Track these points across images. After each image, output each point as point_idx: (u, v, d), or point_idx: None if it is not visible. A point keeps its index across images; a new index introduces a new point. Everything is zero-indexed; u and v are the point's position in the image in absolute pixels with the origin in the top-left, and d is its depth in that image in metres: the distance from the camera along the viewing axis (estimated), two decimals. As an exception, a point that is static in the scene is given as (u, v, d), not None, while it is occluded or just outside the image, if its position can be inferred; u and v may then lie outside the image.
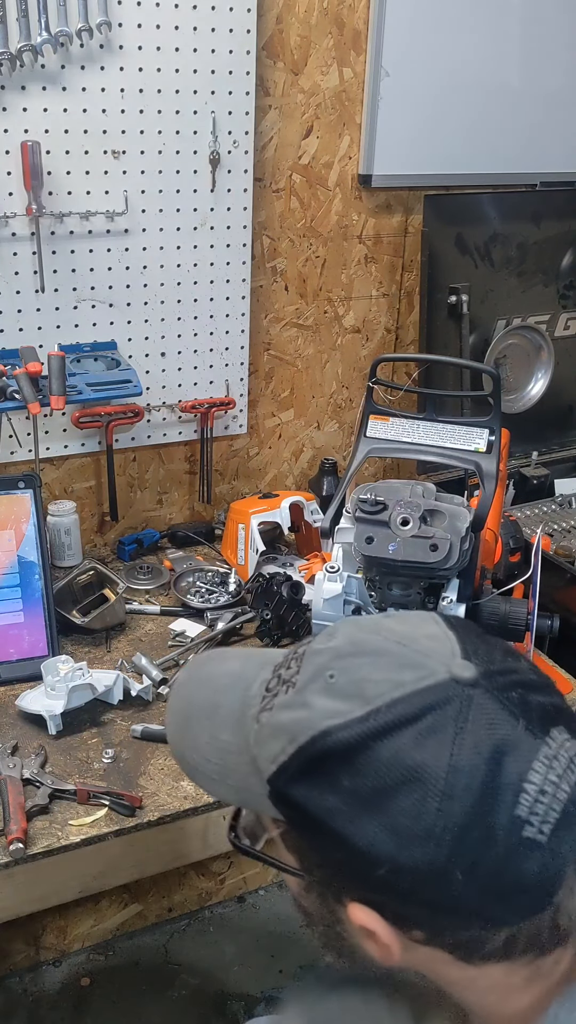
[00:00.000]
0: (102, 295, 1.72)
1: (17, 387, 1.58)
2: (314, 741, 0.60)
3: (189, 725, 0.73)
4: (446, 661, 0.60)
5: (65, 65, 1.54)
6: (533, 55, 1.96)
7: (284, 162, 1.83)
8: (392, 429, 1.33)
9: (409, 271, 2.05)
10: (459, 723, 0.57)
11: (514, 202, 2.08)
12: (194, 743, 0.71)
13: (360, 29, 1.80)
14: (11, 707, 1.43)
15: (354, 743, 0.58)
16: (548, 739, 0.58)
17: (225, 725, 0.69)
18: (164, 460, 1.94)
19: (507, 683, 0.59)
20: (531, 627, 1.22)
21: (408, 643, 0.61)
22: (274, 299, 1.93)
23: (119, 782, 1.31)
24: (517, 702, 0.58)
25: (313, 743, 0.60)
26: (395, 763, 0.57)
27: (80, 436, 1.80)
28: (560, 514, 2.11)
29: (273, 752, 0.63)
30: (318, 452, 2.12)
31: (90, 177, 1.63)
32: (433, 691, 0.58)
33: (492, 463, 1.27)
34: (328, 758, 0.59)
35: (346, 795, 0.58)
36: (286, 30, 1.73)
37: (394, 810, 0.57)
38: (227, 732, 0.69)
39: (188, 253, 1.77)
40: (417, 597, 1.22)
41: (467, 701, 0.58)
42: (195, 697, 0.74)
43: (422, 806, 0.56)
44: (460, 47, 1.88)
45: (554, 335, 2.21)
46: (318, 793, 0.60)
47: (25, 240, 1.62)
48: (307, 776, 0.61)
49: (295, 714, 0.62)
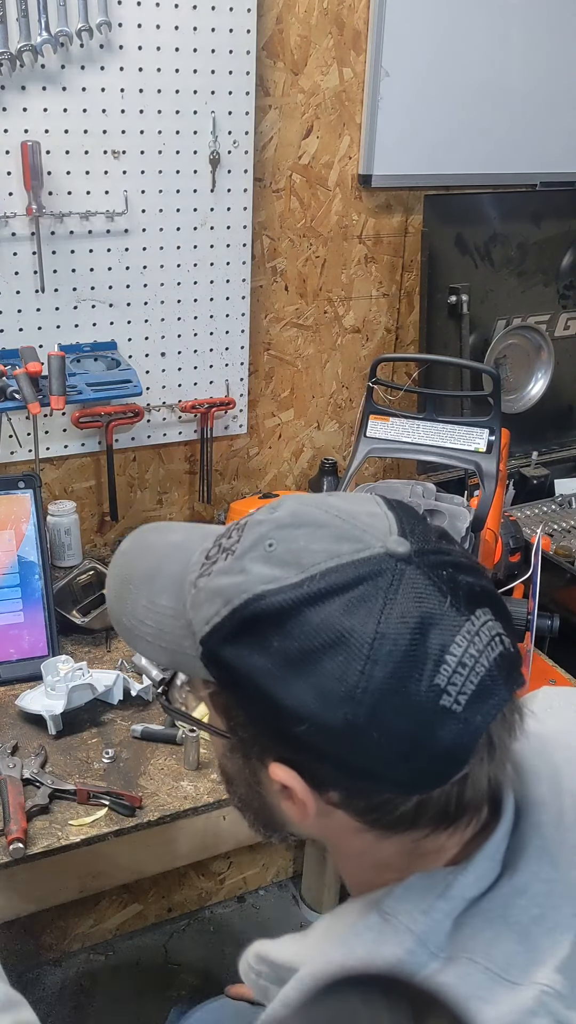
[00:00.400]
0: (102, 295, 1.72)
1: (17, 387, 1.58)
2: (247, 604, 0.62)
3: (128, 590, 0.75)
4: (382, 537, 0.61)
5: (65, 65, 1.54)
6: (533, 55, 1.96)
7: (284, 162, 1.83)
8: (392, 429, 1.33)
9: (409, 271, 2.05)
10: (389, 594, 0.59)
11: (514, 202, 2.08)
12: (132, 608, 0.74)
13: (360, 29, 1.80)
14: (11, 707, 1.43)
15: (286, 607, 0.60)
16: (473, 617, 0.60)
17: (164, 590, 0.72)
18: (164, 460, 1.94)
19: (439, 562, 0.61)
20: (531, 627, 1.22)
21: (348, 518, 0.63)
22: (274, 299, 1.93)
23: (119, 782, 1.31)
24: (447, 580, 0.60)
25: (246, 606, 0.62)
26: (324, 627, 0.59)
27: (80, 436, 1.80)
28: (560, 514, 2.11)
29: (208, 614, 0.65)
30: (318, 452, 2.12)
31: (90, 177, 1.63)
32: (367, 563, 0.60)
33: (492, 463, 1.27)
34: (260, 620, 0.61)
35: (275, 656, 0.60)
36: (286, 30, 1.73)
37: (319, 671, 0.59)
38: (165, 597, 0.71)
39: (188, 253, 1.77)
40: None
41: (399, 574, 0.60)
42: (136, 564, 0.76)
43: (346, 668, 0.58)
44: (460, 47, 1.88)
45: (554, 335, 2.21)
46: (248, 653, 0.62)
47: (25, 240, 1.62)
48: (239, 637, 0.63)
49: (232, 579, 0.64)
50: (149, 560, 0.75)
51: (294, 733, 0.60)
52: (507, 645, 0.62)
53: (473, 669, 0.58)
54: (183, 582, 0.70)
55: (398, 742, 0.58)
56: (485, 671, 0.59)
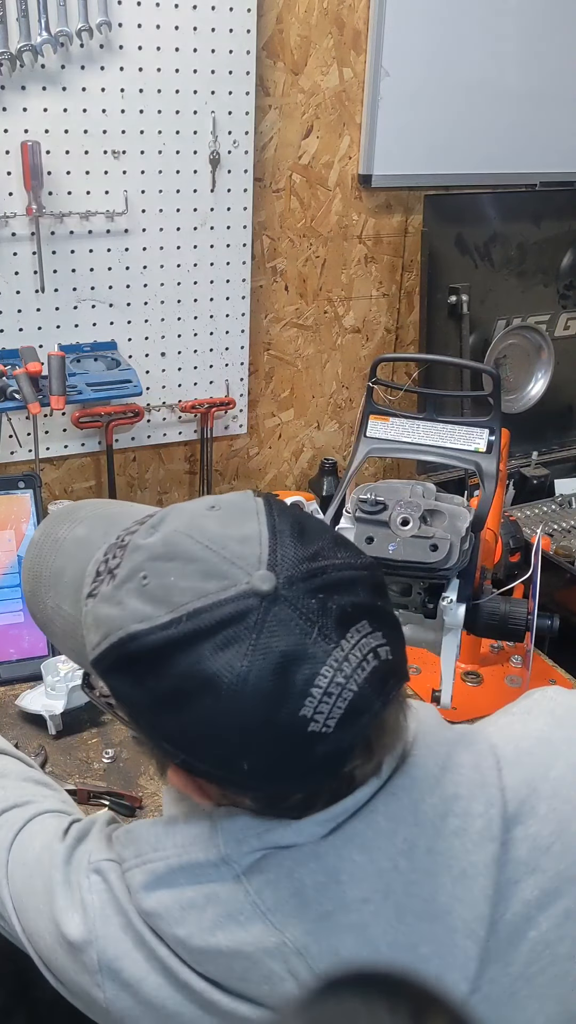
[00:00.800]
0: (102, 295, 1.72)
1: (17, 387, 1.58)
2: (123, 643, 0.65)
3: (39, 586, 0.78)
4: (250, 569, 0.62)
5: (65, 65, 1.54)
6: (533, 55, 1.96)
7: (284, 162, 1.83)
8: (392, 429, 1.33)
9: (409, 271, 2.05)
10: (253, 635, 0.61)
11: (514, 202, 2.08)
12: (42, 605, 0.77)
13: (360, 29, 1.80)
14: (11, 707, 1.43)
15: (156, 649, 0.63)
16: (343, 641, 0.62)
17: (66, 596, 0.74)
18: (164, 460, 1.94)
19: (309, 589, 0.62)
20: (531, 627, 1.22)
21: (218, 548, 0.64)
22: (274, 299, 1.93)
23: (119, 782, 1.31)
24: (315, 609, 0.62)
25: (122, 644, 0.65)
26: (192, 671, 0.61)
27: (80, 436, 1.80)
28: (560, 514, 2.11)
29: (92, 641, 0.68)
30: (318, 452, 2.12)
31: (90, 177, 1.63)
32: (233, 602, 0.61)
33: (492, 463, 1.27)
34: (133, 660, 0.64)
35: (149, 693, 0.64)
36: (286, 30, 1.73)
37: (188, 713, 0.62)
38: (67, 604, 0.74)
39: (188, 253, 1.77)
40: (417, 597, 1.22)
41: (264, 613, 0.61)
42: (45, 560, 0.78)
43: (213, 711, 0.61)
44: (460, 47, 1.88)
45: (554, 335, 2.21)
46: (127, 687, 0.66)
47: (25, 240, 1.62)
48: (117, 671, 0.66)
49: (111, 611, 0.66)
50: (56, 558, 0.77)
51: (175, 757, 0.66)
52: (384, 656, 0.64)
53: (340, 696, 0.61)
54: (80, 593, 0.72)
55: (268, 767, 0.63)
56: (355, 693, 0.61)
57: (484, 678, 1.53)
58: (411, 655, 1.49)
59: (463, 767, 0.71)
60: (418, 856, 0.67)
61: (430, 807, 0.68)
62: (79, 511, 0.82)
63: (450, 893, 0.67)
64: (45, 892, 0.77)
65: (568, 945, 0.68)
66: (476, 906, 0.66)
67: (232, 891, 0.67)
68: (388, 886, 0.66)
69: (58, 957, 0.75)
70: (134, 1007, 0.72)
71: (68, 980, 0.76)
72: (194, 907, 0.68)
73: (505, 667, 1.56)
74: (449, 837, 0.68)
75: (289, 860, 0.67)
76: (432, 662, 1.33)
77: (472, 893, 0.67)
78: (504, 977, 0.67)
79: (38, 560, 0.79)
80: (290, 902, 0.66)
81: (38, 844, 0.81)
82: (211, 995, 0.68)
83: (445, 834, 0.68)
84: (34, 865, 0.79)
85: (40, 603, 0.78)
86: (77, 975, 0.74)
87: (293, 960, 0.65)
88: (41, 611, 0.78)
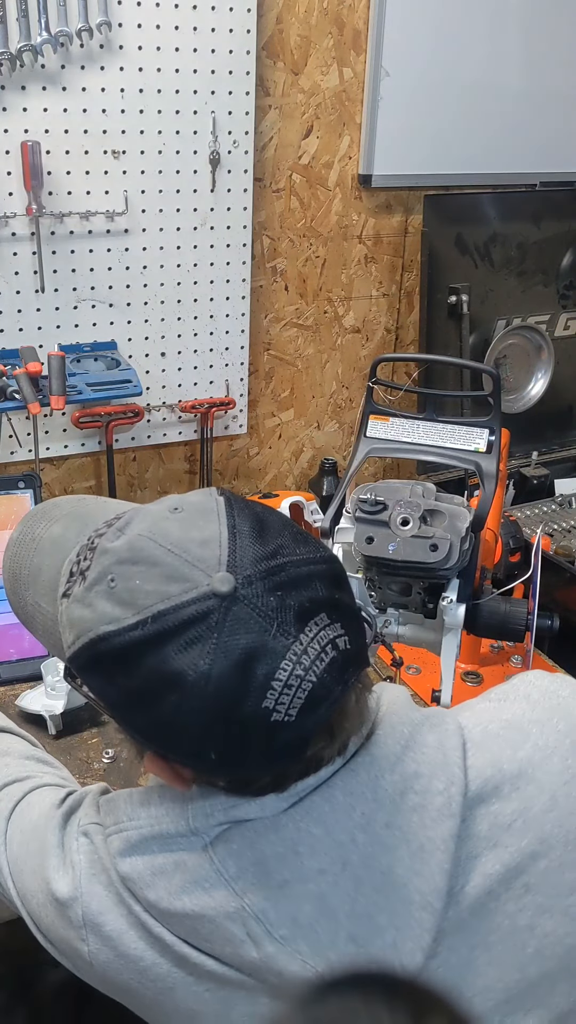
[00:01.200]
0: (102, 295, 1.72)
1: (17, 387, 1.58)
2: (93, 643, 0.68)
3: (18, 584, 0.82)
4: (210, 572, 0.65)
5: (65, 65, 1.54)
6: (533, 55, 1.96)
7: (284, 162, 1.83)
8: (392, 429, 1.33)
9: (409, 271, 2.05)
10: (215, 634, 0.64)
11: (514, 202, 2.08)
12: (23, 602, 0.81)
13: (360, 29, 1.80)
14: (11, 707, 1.43)
15: (125, 650, 0.66)
16: (302, 636, 0.65)
17: (44, 594, 0.78)
18: (164, 460, 1.94)
19: (269, 587, 0.65)
20: (531, 627, 1.22)
21: (180, 552, 0.67)
22: (274, 299, 1.93)
23: (119, 782, 1.31)
24: (274, 607, 0.65)
25: (93, 645, 0.68)
26: (158, 670, 0.65)
27: (80, 436, 1.80)
28: (560, 514, 2.11)
29: (68, 640, 0.72)
30: (318, 452, 2.12)
31: (90, 177, 1.63)
32: (194, 604, 0.65)
33: (492, 463, 1.27)
34: (104, 660, 0.68)
35: (120, 690, 0.68)
36: (286, 30, 1.73)
37: (157, 709, 0.66)
38: (45, 601, 0.78)
39: (188, 253, 1.77)
40: (417, 597, 1.22)
41: (224, 613, 0.64)
42: (23, 558, 0.82)
43: (179, 707, 0.64)
44: (460, 47, 1.88)
45: (554, 335, 2.21)
46: (100, 684, 0.70)
47: (25, 240, 1.62)
48: (90, 670, 0.70)
49: (82, 612, 0.70)
50: (33, 556, 0.81)
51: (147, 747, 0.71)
52: (342, 646, 0.67)
53: (300, 687, 0.64)
54: (56, 592, 0.75)
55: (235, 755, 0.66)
56: (314, 684, 0.65)
57: (484, 678, 1.53)
58: (411, 655, 1.50)
59: (426, 747, 0.74)
60: (375, 830, 0.70)
61: (389, 783, 0.72)
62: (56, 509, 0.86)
63: (407, 867, 0.70)
64: (39, 854, 0.81)
65: (527, 917, 0.71)
66: (433, 879, 0.69)
67: (199, 859, 0.71)
68: (345, 858, 0.70)
69: (48, 914, 0.80)
70: (115, 960, 0.76)
71: (56, 937, 0.81)
72: (163, 873, 0.72)
73: (505, 667, 1.56)
74: (407, 813, 0.71)
75: (251, 832, 0.71)
76: (432, 662, 1.33)
77: (429, 867, 0.70)
78: (463, 946, 0.71)
79: (17, 558, 0.82)
80: (251, 871, 0.70)
81: (35, 813, 0.86)
82: (181, 948, 0.73)
83: (404, 810, 0.71)
84: (30, 831, 0.84)
85: (21, 600, 0.81)
86: (64, 930, 0.79)
87: (252, 924, 0.69)
88: (22, 608, 0.81)
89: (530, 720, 0.77)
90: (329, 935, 0.69)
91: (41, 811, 0.85)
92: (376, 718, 0.75)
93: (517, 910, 0.71)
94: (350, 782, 0.71)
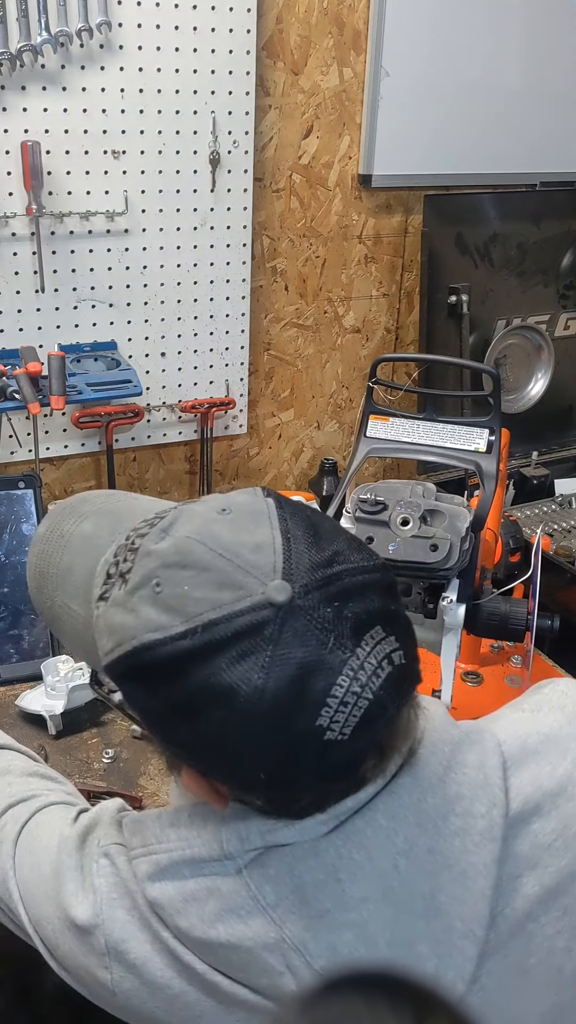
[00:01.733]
0: (102, 295, 1.72)
1: (17, 387, 1.58)
2: (136, 652, 0.64)
3: (45, 583, 0.77)
4: (265, 579, 0.61)
5: (65, 65, 1.54)
6: (533, 55, 1.96)
7: (284, 162, 1.83)
8: (392, 429, 1.33)
9: (409, 271, 2.05)
10: (270, 647, 0.60)
11: (514, 202, 2.08)
12: (50, 603, 0.76)
13: (360, 29, 1.80)
14: (11, 707, 1.43)
15: (171, 660, 0.62)
16: (358, 650, 0.61)
17: (75, 595, 0.73)
18: (164, 460, 1.94)
19: (324, 597, 0.62)
20: (531, 627, 1.22)
21: (232, 556, 0.63)
22: (274, 299, 1.93)
23: (119, 782, 1.31)
24: (331, 619, 0.61)
25: (136, 654, 0.64)
26: (208, 683, 0.61)
27: (80, 436, 1.80)
28: (560, 514, 2.11)
29: (105, 647, 0.67)
30: (318, 452, 2.12)
31: (90, 177, 1.63)
32: (248, 613, 0.61)
33: (492, 463, 1.27)
34: (147, 670, 0.64)
35: (163, 703, 0.64)
36: (286, 30, 1.73)
37: (203, 724, 0.62)
38: (76, 603, 0.73)
39: (188, 253, 1.77)
40: (417, 597, 1.22)
41: (279, 624, 0.60)
42: (51, 556, 0.77)
43: (227, 723, 0.61)
44: (460, 47, 1.88)
45: (554, 335, 2.21)
46: (141, 694, 0.66)
47: (25, 240, 1.62)
48: (130, 679, 0.66)
49: (123, 618, 0.65)
50: (63, 554, 0.76)
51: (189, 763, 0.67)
52: (397, 661, 0.64)
53: (356, 704, 0.61)
54: (90, 593, 0.71)
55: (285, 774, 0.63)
56: (370, 701, 0.61)
57: (484, 678, 1.53)
58: (411, 655, 1.49)
59: (467, 767, 0.71)
60: (418, 856, 0.67)
61: (432, 807, 0.68)
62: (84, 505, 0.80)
63: (449, 893, 0.67)
64: (54, 877, 0.77)
65: (565, 939, 0.69)
66: (475, 906, 0.67)
67: (234, 885, 0.68)
68: (387, 885, 0.67)
69: (65, 942, 0.76)
70: (140, 988, 0.73)
71: (74, 965, 0.77)
72: (196, 899, 0.69)
73: (505, 667, 1.56)
74: (450, 837, 0.68)
75: (289, 857, 0.67)
76: (432, 662, 1.33)
77: (472, 893, 0.67)
78: (502, 970, 0.68)
79: (44, 556, 0.77)
80: (290, 898, 0.67)
81: (45, 833, 0.81)
82: (212, 977, 0.69)
83: (446, 834, 0.68)
84: (41, 853, 0.80)
85: (47, 600, 0.77)
86: (84, 958, 0.75)
87: (291, 955, 0.66)
88: (48, 608, 0.77)
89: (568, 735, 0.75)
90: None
91: (52, 832, 0.80)
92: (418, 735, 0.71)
93: (555, 932, 0.69)
94: (392, 804, 0.68)
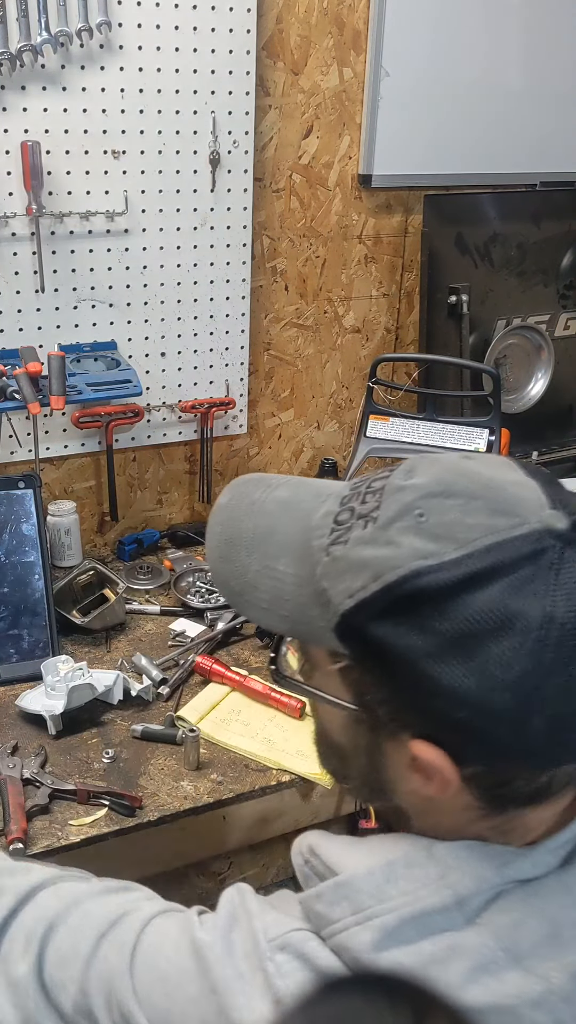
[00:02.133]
0: (102, 295, 1.72)
1: (17, 387, 1.58)
2: (404, 581, 0.58)
3: (236, 552, 0.70)
4: (537, 511, 0.59)
5: (65, 65, 1.54)
6: (533, 55, 1.96)
7: (284, 162, 1.83)
8: (392, 429, 1.33)
9: (409, 271, 2.05)
10: (554, 574, 0.56)
11: (514, 202, 2.08)
12: (241, 570, 0.70)
13: (360, 29, 1.79)
14: (11, 707, 1.43)
15: (446, 587, 0.57)
16: None
17: (281, 554, 0.67)
18: (164, 460, 1.94)
19: None
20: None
21: (497, 488, 0.60)
22: (274, 299, 1.93)
23: (119, 782, 1.31)
24: None
25: (402, 583, 0.58)
26: (488, 610, 0.56)
27: (80, 436, 1.80)
28: (560, 514, 2.11)
29: (351, 587, 0.61)
30: (318, 452, 2.12)
31: (90, 177, 1.63)
32: (528, 540, 0.57)
33: (492, 463, 1.27)
34: (417, 599, 0.58)
35: (435, 637, 0.57)
36: (286, 30, 1.73)
37: (484, 656, 0.56)
38: (283, 562, 0.67)
39: (188, 253, 1.77)
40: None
41: (560, 552, 0.57)
42: (242, 523, 0.71)
43: (514, 655, 0.56)
44: (460, 47, 1.88)
45: (554, 335, 2.21)
46: (404, 632, 0.59)
47: (25, 240, 1.62)
48: (392, 615, 0.59)
49: (379, 551, 0.60)
50: (257, 519, 0.71)
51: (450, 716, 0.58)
52: None
53: None
54: (308, 547, 0.65)
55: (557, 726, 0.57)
56: None
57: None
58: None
59: None
60: None
61: None
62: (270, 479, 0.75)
63: None
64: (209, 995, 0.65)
65: None
66: None
67: (475, 938, 0.60)
68: None
69: None
70: None
71: None
72: (437, 962, 0.60)
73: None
74: None
75: (535, 897, 0.61)
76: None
77: None
78: None
79: (231, 523, 0.72)
80: (547, 944, 0.60)
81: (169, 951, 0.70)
82: None
83: None
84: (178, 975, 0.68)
85: (239, 566, 0.70)
86: None
87: (561, 1009, 0.58)
88: (240, 575, 0.70)
89: None
90: None
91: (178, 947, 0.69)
92: None
93: None
94: None
